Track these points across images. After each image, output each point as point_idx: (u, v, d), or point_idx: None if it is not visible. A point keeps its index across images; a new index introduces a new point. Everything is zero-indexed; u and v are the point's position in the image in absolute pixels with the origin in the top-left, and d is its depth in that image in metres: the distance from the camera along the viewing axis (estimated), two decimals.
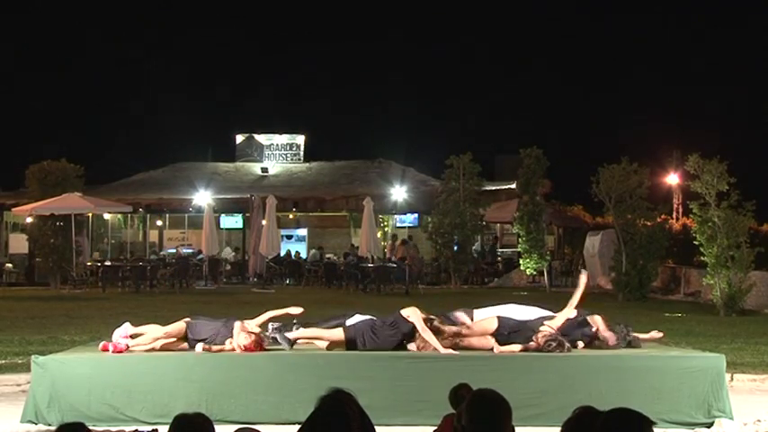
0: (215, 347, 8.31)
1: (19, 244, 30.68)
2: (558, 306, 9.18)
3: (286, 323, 9.17)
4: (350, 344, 8.48)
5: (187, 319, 8.61)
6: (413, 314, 8.46)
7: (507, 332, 8.55)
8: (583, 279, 9.30)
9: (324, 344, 8.65)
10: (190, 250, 31.65)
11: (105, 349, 8.39)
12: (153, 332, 8.51)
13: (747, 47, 64.45)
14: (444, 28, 72.68)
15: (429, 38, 71.59)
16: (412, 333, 8.48)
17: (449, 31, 71.66)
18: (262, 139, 38.04)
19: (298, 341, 8.68)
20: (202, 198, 31.20)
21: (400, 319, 8.50)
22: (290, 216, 35.01)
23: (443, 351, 8.30)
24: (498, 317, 8.75)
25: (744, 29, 63.62)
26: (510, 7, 71.35)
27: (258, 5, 72.60)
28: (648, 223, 22.59)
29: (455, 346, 8.52)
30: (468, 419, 3.51)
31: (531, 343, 8.40)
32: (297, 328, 8.90)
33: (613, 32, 67.74)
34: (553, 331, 8.45)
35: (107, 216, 32.99)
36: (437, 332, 8.51)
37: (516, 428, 3.70)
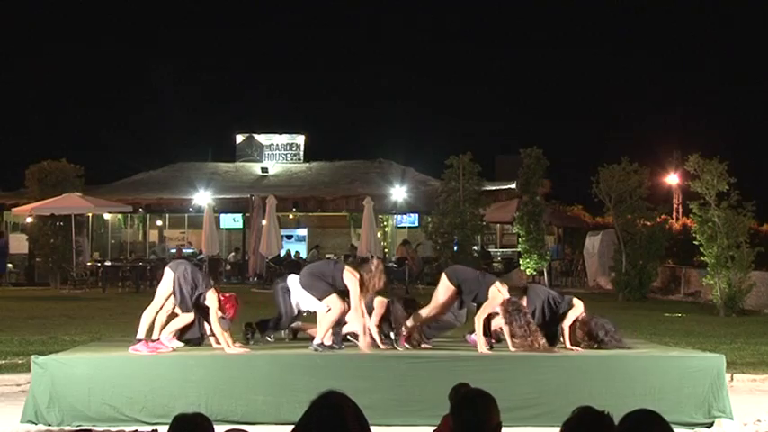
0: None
1: (19, 244, 30.65)
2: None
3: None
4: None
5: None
6: (353, 286, 8.41)
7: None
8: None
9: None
10: (190, 250, 31.65)
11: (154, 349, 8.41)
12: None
13: (748, 46, 64.43)
14: (445, 28, 72.70)
15: (429, 38, 71.64)
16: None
17: (449, 30, 71.69)
18: (262, 139, 38.03)
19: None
20: (202, 198, 31.19)
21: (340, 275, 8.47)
22: (290, 216, 35.00)
23: (365, 342, 8.37)
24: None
25: (744, 28, 63.64)
26: (510, 7, 71.36)
27: (258, 5, 72.61)
28: (648, 223, 22.59)
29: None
30: (454, 419, 3.57)
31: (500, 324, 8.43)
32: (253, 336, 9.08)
33: (614, 32, 67.76)
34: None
35: (107, 216, 32.99)
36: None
37: (516, 428, 3.72)
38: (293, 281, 9.11)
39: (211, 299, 8.45)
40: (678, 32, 66.54)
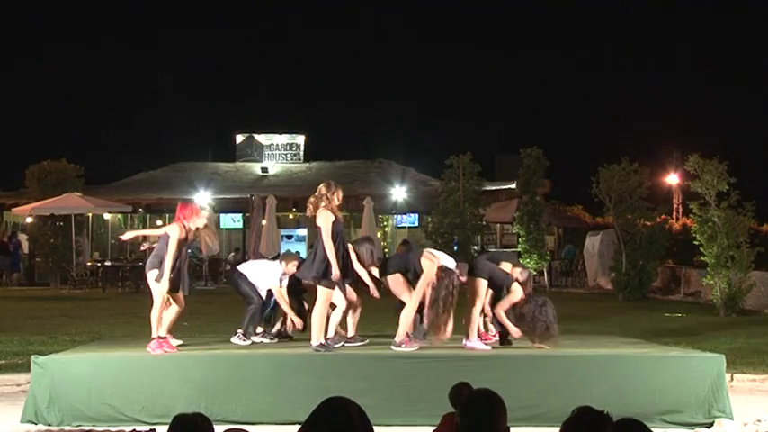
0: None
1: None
2: (558, 305, 9.17)
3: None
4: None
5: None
6: (325, 225, 8.46)
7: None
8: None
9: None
10: (190, 250, 31.60)
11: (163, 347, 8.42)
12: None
13: (748, 46, 64.45)
14: (445, 28, 72.70)
15: (429, 38, 71.62)
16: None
17: (449, 30, 71.69)
18: (262, 139, 38.02)
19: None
20: (202, 198, 31.18)
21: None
22: (290, 216, 35.00)
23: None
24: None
25: (744, 28, 63.66)
26: (509, 8, 71.37)
27: (258, 5, 72.60)
28: (648, 223, 22.59)
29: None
30: (461, 418, 3.54)
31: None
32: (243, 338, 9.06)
33: (613, 32, 67.78)
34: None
35: (107, 216, 32.99)
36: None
37: (516, 428, 3.71)
38: (244, 266, 9.50)
39: (173, 232, 8.57)
40: (678, 32, 66.57)
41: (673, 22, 66.66)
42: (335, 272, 8.36)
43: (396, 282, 8.72)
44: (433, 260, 8.59)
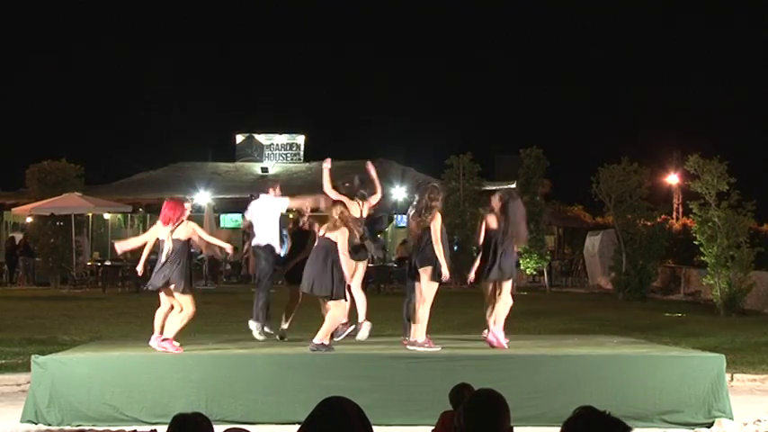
0: None
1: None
2: (558, 305, 9.18)
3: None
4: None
5: None
6: (342, 240, 8.93)
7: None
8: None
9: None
10: (192, 250, 31.60)
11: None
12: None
13: (747, 46, 64.47)
14: (444, 28, 72.73)
15: (429, 37, 71.64)
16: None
17: (449, 31, 71.72)
18: (262, 139, 38.03)
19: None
20: (202, 198, 31.20)
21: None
22: (290, 216, 35.00)
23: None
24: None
25: (744, 29, 63.68)
26: (509, 8, 71.39)
27: (259, 5, 72.65)
28: (648, 223, 22.59)
29: None
30: (465, 418, 3.53)
31: None
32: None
33: (613, 32, 67.76)
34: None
35: (107, 216, 33.00)
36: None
37: (516, 428, 3.70)
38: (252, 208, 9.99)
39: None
40: (677, 32, 66.61)
41: (672, 21, 66.71)
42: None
43: (425, 275, 8.74)
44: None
